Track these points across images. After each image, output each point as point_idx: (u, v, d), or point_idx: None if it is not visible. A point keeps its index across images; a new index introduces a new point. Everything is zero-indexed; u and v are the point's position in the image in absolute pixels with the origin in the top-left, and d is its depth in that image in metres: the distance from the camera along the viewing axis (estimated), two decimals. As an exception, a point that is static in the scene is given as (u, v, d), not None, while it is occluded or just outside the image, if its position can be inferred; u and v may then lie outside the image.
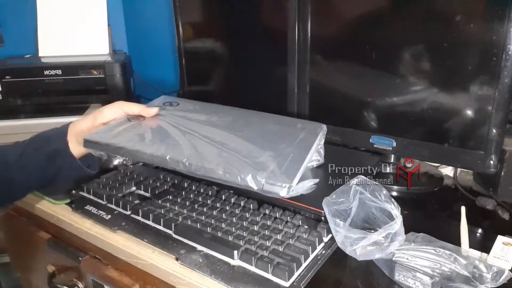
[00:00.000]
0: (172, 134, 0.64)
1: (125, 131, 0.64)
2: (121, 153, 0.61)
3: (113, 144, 0.61)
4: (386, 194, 0.55)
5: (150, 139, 0.62)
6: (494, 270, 0.49)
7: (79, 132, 0.65)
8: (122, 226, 0.63)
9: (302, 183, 0.55)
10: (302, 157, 0.58)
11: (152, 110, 0.70)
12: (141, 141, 0.61)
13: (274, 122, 0.71)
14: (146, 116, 0.70)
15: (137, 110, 0.70)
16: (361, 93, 0.75)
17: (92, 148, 0.63)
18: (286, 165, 0.55)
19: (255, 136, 0.63)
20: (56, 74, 1.15)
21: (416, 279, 0.48)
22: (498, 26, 0.58)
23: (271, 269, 0.51)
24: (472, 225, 0.61)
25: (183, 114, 0.72)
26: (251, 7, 0.89)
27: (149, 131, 0.65)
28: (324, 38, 0.78)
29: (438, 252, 0.51)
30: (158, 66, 1.44)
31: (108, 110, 0.68)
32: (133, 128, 0.66)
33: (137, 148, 0.60)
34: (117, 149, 0.61)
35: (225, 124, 0.69)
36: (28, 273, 0.89)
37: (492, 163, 0.63)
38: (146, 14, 1.45)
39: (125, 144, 0.61)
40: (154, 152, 0.58)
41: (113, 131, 0.64)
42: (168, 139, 0.62)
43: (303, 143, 0.63)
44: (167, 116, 0.71)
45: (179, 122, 0.68)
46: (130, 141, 0.61)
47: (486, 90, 0.61)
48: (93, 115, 0.67)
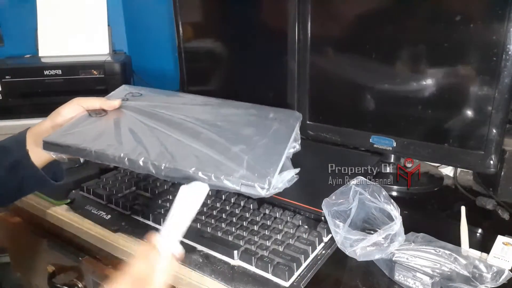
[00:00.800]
0: (137, 131, 0.58)
1: (87, 129, 0.59)
2: (83, 154, 0.55)
3: (74, 145, 0.55)
4: (386, 195, 0.55)
5: (114, 137, 0.56)
6: (494, 270, 0.49)
7: (39, 138, 0.59)
8: (122, 226, 0.63)
9: (282, 177, 0.51)
10: (279, 149, 0.54)
11: (113, 103, 0.65)
12: (104, 140, 0.56)
13: (245, 113, 0.66)
14: (108, 109, 0.64)
15: (97, 104, 0.64)
16: (361, 93, 0.75)
17: (53, 150, 0.57)
18: (261, 161, 0.51)
19: (227, 130, 0.59)
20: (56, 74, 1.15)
21: (416, 279, 0.48)
22: (498, 26, 0.58)
23: (271, 269, 0.51)
24: (472, 225, 0.61)
25: (147, 105, 0.66)
26: (251, 7, 0.89)
27: (112, 127, 0.59)
28: (324, 37, 0.78)
29: (438, 252, 0.51)
30: (158, 66, 1.44)
31: (65, 109, 0.62)
32: (94, 125, 0.60)
33: (100, 149, 0.54)
34: (78, 151, 0.55)
35: (194, 116, 0.63)
36: (28, 273, 0.88)
37: (492, 163, 0.63)
38: (146, 14, 1.44)
39: (87, 144, 0.55)
40: (117, 153, 0.53)
41: (73, 129, 0.59)
42: (133, 137, 0.56)
43: (278, 134, 0.58)
44: (130, 108, 0.65)
45: (144, 115, 0.63)
46: (92, 140, 0.56)
47: (486, 90, 0.61)
48: (51, 117, 0.62)
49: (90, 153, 0.54)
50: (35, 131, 0.61)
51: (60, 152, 0.57)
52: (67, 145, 0.55)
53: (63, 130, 0.59)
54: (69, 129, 0.59)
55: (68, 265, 0.72)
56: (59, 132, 0.58)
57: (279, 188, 0.50)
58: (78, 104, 0.63)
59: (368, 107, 0.75)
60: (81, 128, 0.59)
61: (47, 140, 0.57)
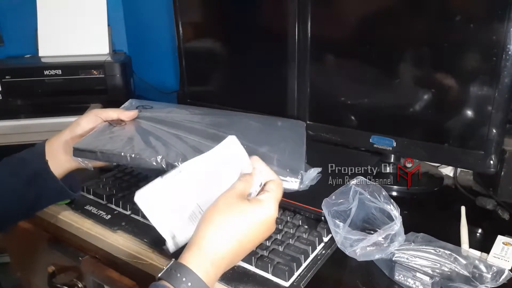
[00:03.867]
0: (164, 137, 0.59)
1: (113, 137, 0.60)
2: (117, 160, 0.56)
3: (108, 150, 0.56)
4: (386, 195, 0.55)
5: (144, 143, 0.57)
6: (494, 270, 0.49)
7: (58, 150, 0.60)
8: (122, 226, 0.63)
9: (307, 175, 0.54)
10: (299, 151, 0.58)
11: (131, 113, 0.66)
12: (136, 146, 0.57)
13: (255, 120, 0.69)
14: (125, 119, 0.65)
15: (115, 114, 0.65)
16: (361, 93, 0.75)
17: (83, 156, 0.57)
18: (288, 159, 0.54)
19: (246, 134, 0.60)
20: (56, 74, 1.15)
21: (416, 279, 0.48)
22: (498, 26, 0.58)
23: (271, 269, 0.51)
24: (472, 225, 0.61)
25: (163, 116, 0.68)
26: (251, 7, 0.89)
27: (138, 134, 0.60)
28: (324, 38, 0.78)
29: (438, 252, 0.51)
30: (158, 66, 1.44)
31: (84, 120, 0.63)
32: (119, 133, 0.61)
33: (136, 153, 0.55)
34: (112, 156, 0.56)
35: (210, 123, 0.65)
36: (28, 273, 0.88)
37: (492, 163, 0.63)
38: (146, 14, 1.44)
39: (120, 149, 0.56)
40: (153, 156, 0.54)
41: (100, 137, 0.59)
42: (162, 142, 0.58)
43: (292, 138, 0.62)
44: (146, 119, 0.67)
45: (163, 124, 0.64)
46: (123, 146, 0.56)
47: (486, 90, 0.61)
48: (70, 128, 0.62)
49: (125, 157, 0.55)
50: (54, 142, 0.61)
51: (91, 158, 0.57)
52: (101, 151, 0.56)
53: (90, 138, 0.59)
54: (96, 137, 0.59)
55: (68, 265, 0.72)
56: (87, 140, 0.59)
57: (306, 185, 0.54)
58: (96, 115, 0.64)
59: (368, 107, 0.75)
60: (107, 136, 0.59)
61: (77, 147, 0.57)
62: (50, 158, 0.60)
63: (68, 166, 0.61)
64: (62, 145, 0.61)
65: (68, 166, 0.61)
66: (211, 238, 0.41)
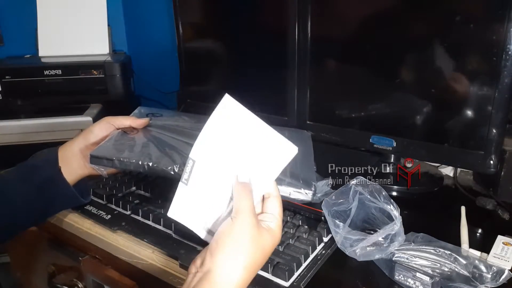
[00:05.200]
0: (176, 145, 0.60)
1: (129, 145, 0.60)
2: (134, 167, 0.56)
3: (125, 158, 0.56)
4: (386, 195, 0.55)
5: (159, 152, 0.58)
6: (494, 270, 0.49)
7: (71, 157, 0.60)
8: (122, 226, 0.63)
9: (321, 187, 0.55)
10: (309, 162, 0.58)
11: (143, 121, 0.67)
12: (152, 154, 0.57)
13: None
14: (138, 127, 0.66)
15: (127, 122, 0.66)
16: (361, 93, 0.75)
17: (100, 164, 0.58)
18: (300, 171, 0.54)
19: None
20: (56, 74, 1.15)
21: (416, 279, 0.48)
22: (498, 26, 0.58)
23: (271, 269, 0.51)
24: (472, 225, 0.61)
25: (173, 125, 0.69)
26: (251, 8, 0.89)
27: (152, 143, 0.61)
28: (324, 38, 0.78)
29: (438, 252, 0.51)
30: (158, 66, 1.44)
31: (97, 128, 0.63)
32: (134, 141, 0.61)
33: (153, 162, 0.55)
34: (129, 164, 0.56)
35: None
36: (28, 273, 0.88)
37: (492, 163, 0.63)
38: (146, 14, 1.45)
39: (137, 158, 0.56)
40: (169, 166, 0.54)
41: (116, 145, 0.60)
42: (176, 151, 0.58)
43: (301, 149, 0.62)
44: (157, 127, 0.67)
45: (175, 132, 0.65)
46: (140, 155, 0.57)
47: (486, 90, 0.61)
48: (83, 135, 0.63)
49: (142, 166, 0.55)
50: (66, 149, 0.61)
51: (108, 166, 0.57)
52: (118, 158, 0.56)
53: (107, 146, 0.59)
54: (112, 145, 0.60)
55: (68, 265, 0.72)
56: (104, 147, 0.59)
57: (318, 198, 0.54)
58: (109, 122, 0.64)
59: (368, 107, 0.75)
60: (123, 144, 0.60)
61: (95, 154, 0.57)
62: (63, 165, 0.60)
63: (81, 173, 0.62)
64: (75, 152, 0.61)
65: (81, 172, 0.61)
66: (224, 268, 0.40)
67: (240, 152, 0.45)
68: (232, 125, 0.45)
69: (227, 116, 0.45)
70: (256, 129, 0.45)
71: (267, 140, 0.45)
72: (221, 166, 0.45)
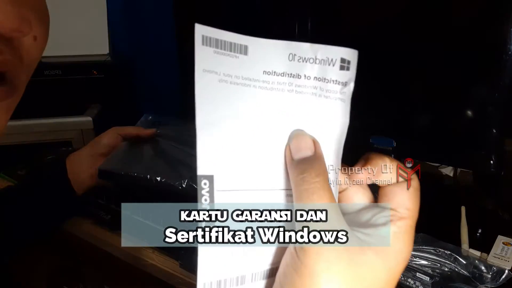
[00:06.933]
0: (184, 158, 0.59)
1: (136, 158, 0.60)
2: (143, 183, 0.56)
3: (133, 173, 0.56)
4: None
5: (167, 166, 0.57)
6: (494, 270, 0.49)
7: (79, 168, 0.60)
8: (122, 226, 0.63)
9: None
10: None
11: (149, 131, 0.67)
12: (160, 169, 0.56)
13: None
14: (145, 137, 0.66)
15: (134, 132, 0.66)
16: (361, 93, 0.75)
17: (108, 179, 0.58)
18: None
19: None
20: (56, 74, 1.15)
21: (416, 279, 0.48)
22: (498, 26, 0.58)
23: (271, 269, 0.50)
24: (472, 225, 0.61)
25: (179, 134, 0.68)
26: (252, 8, 0.89)
27: (160, 156, 0.60)
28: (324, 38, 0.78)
29: (438, 252, 0.51)
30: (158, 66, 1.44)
31: (104, 138, 0.63)
32: (141, 154, 0.61)
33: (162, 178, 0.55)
34: (139, 179, 0.56)
35: None
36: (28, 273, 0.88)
37: (492, 163, 0.63)
38: (146, 14, 1.44)
39: (146, 173, 0.56)
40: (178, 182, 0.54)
41: (124, 158, 0.59)
42: (183, 163, 0.57)
43: None
44: (165, 137, 0.67)
45: (183, 143, 0.64)
46: (148, 169, 0.56)
47: (486, 90, 0.61)
48: (90, 146, 0.62)
49: (150, 181, 0.55)
50: (74, 160, 0.61)
51: (117, 181, 0.57)
52: (126, 173, 0.56)
53: (114, 159, 0.59)
54: (120, 158, 0.59)
55: (68, 265, 0.72)
56: (111, 161, 0.59)
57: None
58: (116, 132, 0.64)
59: (368, 107, 0.75)
60: (130, 157, 0.60)
61: (103, 169, 0.57)
62: (72, 176, 0.60)
63: (89, 183, 0.61)
64: (83, 163, 0.61)
65: (88, 183, 0.61)
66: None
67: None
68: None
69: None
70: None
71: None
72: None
